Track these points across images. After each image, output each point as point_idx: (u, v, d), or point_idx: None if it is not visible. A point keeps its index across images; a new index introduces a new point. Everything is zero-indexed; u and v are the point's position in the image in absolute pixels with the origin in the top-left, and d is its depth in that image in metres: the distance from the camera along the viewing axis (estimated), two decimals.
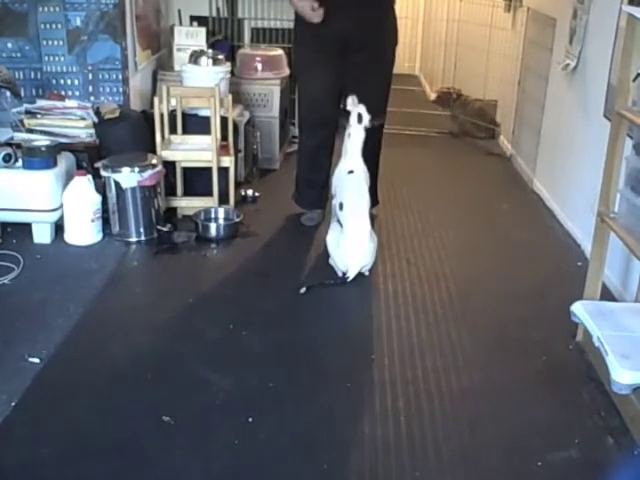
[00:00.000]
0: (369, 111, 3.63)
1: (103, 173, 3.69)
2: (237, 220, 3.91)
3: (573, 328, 2.90)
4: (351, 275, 3.27)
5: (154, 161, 3.76)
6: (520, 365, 2.77)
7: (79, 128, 3.89)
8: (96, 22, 4.11)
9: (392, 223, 4.16)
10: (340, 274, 3.34)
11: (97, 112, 3.93)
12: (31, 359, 2.65)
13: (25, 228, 3.63)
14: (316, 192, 4.06)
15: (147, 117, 4.15)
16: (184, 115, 4.18)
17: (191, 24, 5.12)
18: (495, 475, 2.21)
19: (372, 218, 3.94)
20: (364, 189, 3.40)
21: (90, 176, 3.65)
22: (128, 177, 3.65)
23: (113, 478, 2.13)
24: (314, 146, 3.94)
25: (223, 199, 4.06)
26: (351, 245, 3.26)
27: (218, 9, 5.35)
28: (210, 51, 4.48)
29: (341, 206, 3.33)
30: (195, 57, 4.38)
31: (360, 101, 3.60)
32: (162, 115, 3.97)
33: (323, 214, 4.07)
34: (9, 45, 4.12)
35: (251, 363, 2.72)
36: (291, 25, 3.79)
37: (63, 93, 4.17)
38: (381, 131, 3.95)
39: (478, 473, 2.21)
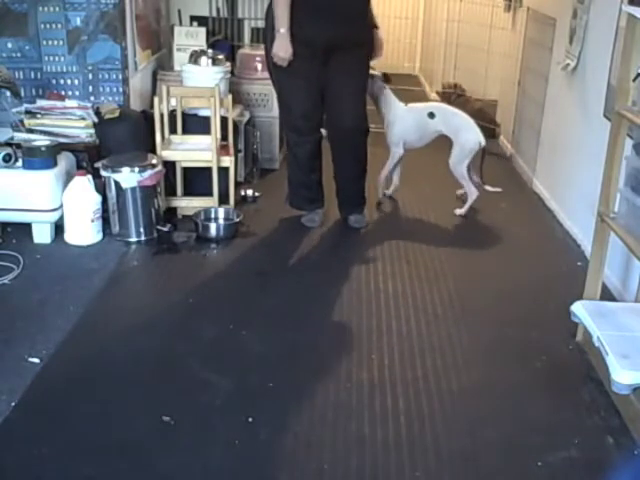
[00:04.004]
0: (351, 112, 3.77)
1: (103, 173, 3.69)
2: (237, 220, 3.91)
3: (573, 328, 2.91)
4: (483, 141, 4.19)
5: (154, 161, 3.76)
6: (520, 365, 2.78)
7: (79, 128, 3.89)
8: (96, 22, 4.11)
9: (391, 223, 4.16)
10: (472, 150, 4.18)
11: (97, 112, 3.93)
12: (31, 359, 2.66)
13: (25, 228, 3.63)
14: (314, 191, 4.03)
15: (147, 117, 4.15)
16: (184, 115, 4.18)
17: (191, 24, 5.12)
18: (495, 475, 2.21)
19: (366, 225, 3.97)
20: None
21: (90, 176, 3.65)
22: (128, 177, 3.65)
23: (113, 478, 2.14)
24: (307, 151, 3.90)
25: (223, 199, 4.06)
26: (470, 124, 4.22)
27: (218, 9, 5.34)
28: (210, 51, 4.48)
29: (432, 115, 4.22)
30: (195, 57, 4.38)
31: (342, 102, 3.74)
32: (162, 115, 3.97)
33: (323, 214, 4.06)
34: (9, 45, 4.12)
35: (251, 363, 2.72)
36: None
37: (63, 93, 4.17)
38: (367, 134, 3.90)
39: (478, 473, 2.21)
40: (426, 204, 4.46)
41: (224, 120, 4.10)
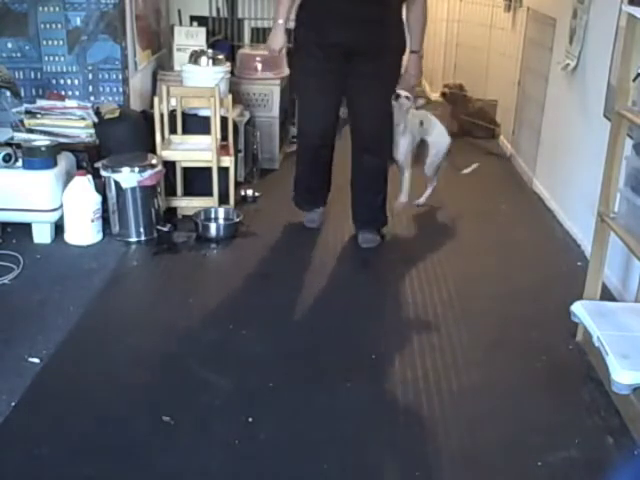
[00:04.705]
0: (373, 126, 3.64)
1: (103, 173, 3.69)
2: (237, 220, 3.91)
3: (573, 328, 2.90)
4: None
5: (154, 161, 3.76)
6: (520, 365, 2.77)
7: (79, 128, 3.89)
8: (96, 22, 4.11)
9: (391, 223, 4.16)
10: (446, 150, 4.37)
11: (97, 112, 3.93)
12: (31, 359, 2.65)
13: (25, 228, 3.63)
14: (314, 194, 3.97)
15: (147, 117, 4.15)
16: (184, 115, 4.18)
17: (191, 24, 5.12)
18: (495, 475, 2.21)
19: (382, 237, 3.89)
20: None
21: (90, 176, 3.65)
22: (128, 177, 3.65)
23: (113, 478, 2.14)
24: (313, 156, 3.82)
25: (223, 199, 4.06)
26: (443, 128, 4.39)
27: (218, 9, 5.34)
28: (210, 51, 4.48)
29: (422, 123, 4.25)
30: (195, 57, 4.38)
31: (363, 113, 3.62)
32: (162, 115, 3.97)
33: (323, 213, 4.03)
34: (9, 45, 4.12)
35: (251, 363, 2.72)
36: (291, 25, 3.71)
37: (63, 93, 4.17)
38: (386, 146, 3.79)
39: (478, 473, 2.21)
40: (425, 205, 4.45)
41: (224, 120, 4.10)
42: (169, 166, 4.01)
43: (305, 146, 3.85)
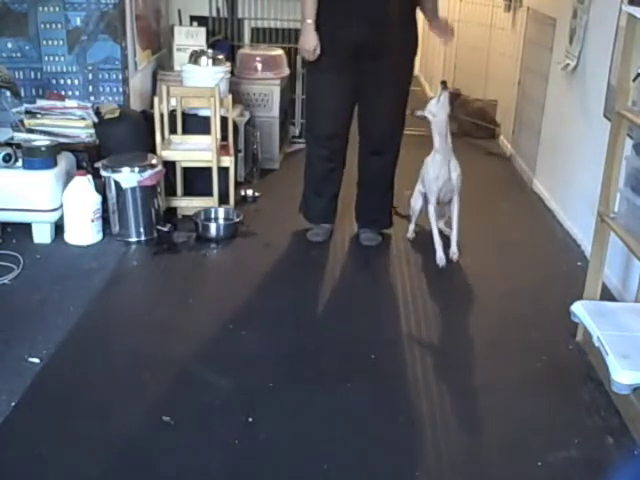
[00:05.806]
0: (383, 127, 3.60)
1: (103, 173, 3.69)
2: (237, 220, 3.91)
3: (573, 328, 2.90)
4: None
5: (154, 161, 3.76)
6: (520, 365, 2.77)
7: (79, 128, 3.89)
8: (96, 22, 4.11)
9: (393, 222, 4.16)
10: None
11: (97, 112, 3.93)
12: (31, 359, 2.65)
13: (25, 228, 3.63)
14: (325, 202, 3.82)
15: (147, 117, 4.15)
16: (184, 115, 4.18)
17: (191, 24, 5.12)
18: (495, 475, 2.21)
19: (383, 236, 3.89)
20: None
21: (90, 176, 3.65)
22: (128, 177, 3.65)
23: (113, 478, 2.13)
24: (325, 157, 3.69)
25: (223, 199, 4.06)
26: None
27: (218, 9, 5.34)
28: (210, 51, 4.49)
29: None
30: (195, 57, 4.39)
31: (376, 114, 3.57)
32: (162, 115, 3.97)
33: (331, 230, 3.89)
34: (9, 45, 4.12)
35: (251, 363, 2.72)
36: (291, 25, 3.68)
37: (63, 93, 4.17)
38: (397, 151, 3.74)
39: (478, 473, 2.21)
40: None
41: (224, 120, 4.10)
42: (169, 166, 4.01)
43: (319, 148, 3.71)
